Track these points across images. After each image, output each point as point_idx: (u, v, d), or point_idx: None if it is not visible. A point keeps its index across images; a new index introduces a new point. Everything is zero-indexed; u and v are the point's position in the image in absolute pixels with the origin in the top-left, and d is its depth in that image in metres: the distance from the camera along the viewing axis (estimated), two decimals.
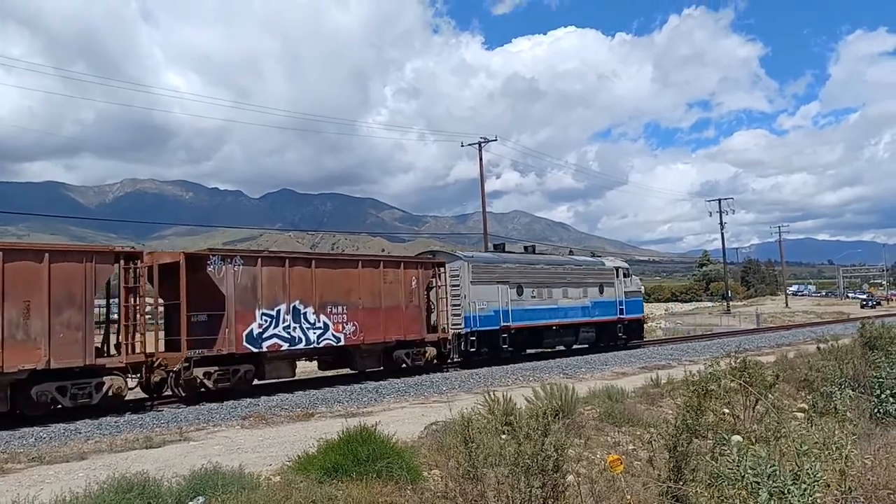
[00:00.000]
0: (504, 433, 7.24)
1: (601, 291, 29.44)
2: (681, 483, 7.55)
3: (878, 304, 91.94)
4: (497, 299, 24.71)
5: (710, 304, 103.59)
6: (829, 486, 5.65)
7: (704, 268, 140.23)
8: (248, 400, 16.95)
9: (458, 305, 23.79)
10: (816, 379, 14.39)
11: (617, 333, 30.26)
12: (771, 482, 5.06)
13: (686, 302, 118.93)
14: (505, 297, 25.02)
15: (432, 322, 22.98)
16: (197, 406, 16.11)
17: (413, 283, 22.04)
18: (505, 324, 24.91)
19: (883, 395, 12.44)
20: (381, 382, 19.94)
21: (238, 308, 17.65)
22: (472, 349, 23.69)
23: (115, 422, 14.21)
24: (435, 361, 22.86)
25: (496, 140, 47.08)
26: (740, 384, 10.36)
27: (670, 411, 11.44)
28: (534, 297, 26.29)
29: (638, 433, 11.12)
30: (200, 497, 6.87)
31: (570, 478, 7.12)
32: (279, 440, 11.13)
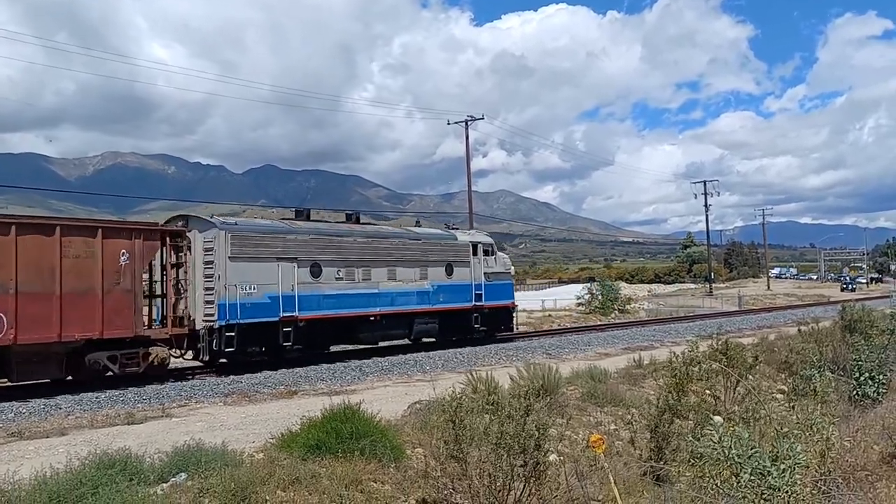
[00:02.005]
0: (487, 413, 7.27)
1: (449, 272, 23.87)
2: (662, 463, 7.64)
3: (857, 287, 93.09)
4: (276, 281, 18.97)
5: (692, 285, 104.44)
6: (808, 466, 5.72)
7: (688, 249, 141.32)
8: (232, 377, 16.91)
9: (212, 290, 18.06)
10: (796, 361, 14.56)
11: (472, 325, 24.57)
12: (752, 463, 5.11)
13: (669, 283, 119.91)
14: (290, 278, 19.33)
15: (178, 313, 17.75)
16: (180, 382, 16.05)
17: (123, 257, 16.02)
18: (289, 314, 19.13)
19: (862, 378, 12.61)
20: (365, 361, 19.96)
21: None
22: (231, 348, 17.78)
23: (97, 397, 14.12)
24: (168, 365, 17.23)
25: (483, 118, 46.96)
26: (722, 366, 10.46)
27: (652, 392, 11.54)
28: (340, 278, 20.63)
29: (620, 413, 11.22)
30: (183, 473, 6.86)
31: (552, 457, 7.17)
32: (262, 417, 11.12)
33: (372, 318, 21.51)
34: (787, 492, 4.95)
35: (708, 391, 10.84)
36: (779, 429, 5.75)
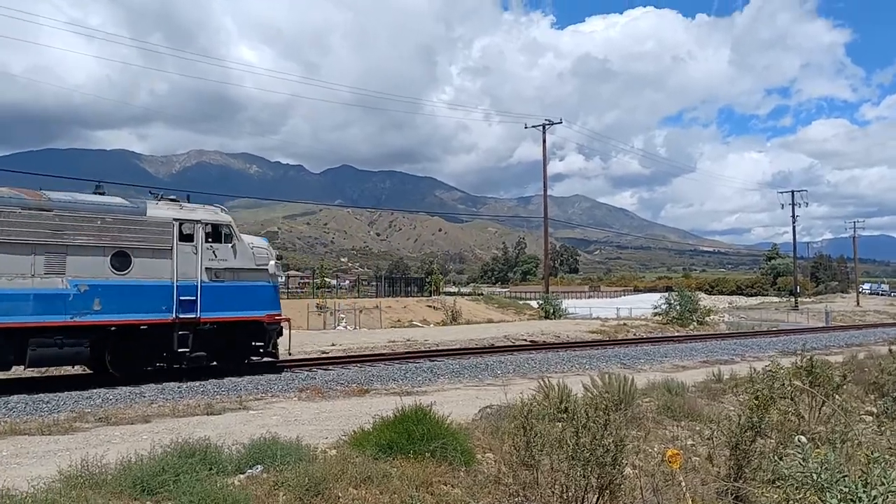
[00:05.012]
0: (560, 420, 7.17)
1: (122, 266, 15.20)
2: (742, 482, 7.37)
3: None
4: None
5: (776, 299, 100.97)
6: None
7: (773, 261, 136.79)
8: (306, 373, 17.25)
9: None
10: (888, 382, 13.86)
11: (175, 349, 15.81)
12: (840, 486, 4.87)
13: (751, 296, 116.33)
14: None
15: None
16: (256, 376, 16.46)
17: None
18: None
19: None
20: (437, 363, 20.03)
21: None
22: None
23: (178, 387, 14.64)
24: None
25: (561, 122, 46.65)
26: (804, 384, 10.03)
27: (732, 408, 11.16)
28: None
29: (698, 428, 10.89)
30: (259, 466, 7.01)
31: (627, 470, 7.01)
32: (335, 414, 11.28)
33: None
34: None
35: (791, 410, 10.41)
36: (869, 452, 5.46)
